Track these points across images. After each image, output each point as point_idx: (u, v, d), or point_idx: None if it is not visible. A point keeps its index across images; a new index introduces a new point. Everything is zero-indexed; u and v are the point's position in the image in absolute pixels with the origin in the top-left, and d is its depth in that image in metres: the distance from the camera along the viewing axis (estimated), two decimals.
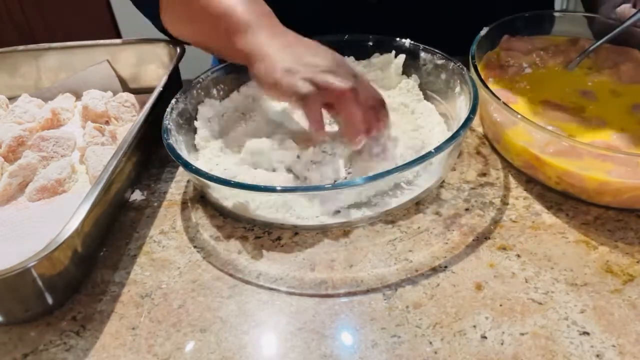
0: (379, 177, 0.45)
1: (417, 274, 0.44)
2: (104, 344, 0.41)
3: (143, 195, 0.55)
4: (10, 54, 0.70)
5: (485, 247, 0.46)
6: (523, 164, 0.52)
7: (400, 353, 0.38)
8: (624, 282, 0.42)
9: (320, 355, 0.39)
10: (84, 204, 0.43)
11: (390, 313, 0.41)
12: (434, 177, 0.50)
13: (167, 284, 0.45)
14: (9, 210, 0.53)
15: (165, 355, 0.40)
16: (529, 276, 0.43)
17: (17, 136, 0.58)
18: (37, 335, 0.42)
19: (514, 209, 0.49)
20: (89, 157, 0.55)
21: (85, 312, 0.43)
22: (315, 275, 0.45)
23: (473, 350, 0.38)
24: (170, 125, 0.53)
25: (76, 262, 0.44)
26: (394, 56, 0.62)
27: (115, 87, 0.70)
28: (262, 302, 0.43)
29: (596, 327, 0.39)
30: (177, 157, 0.49)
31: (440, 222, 0.49)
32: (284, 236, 0.48)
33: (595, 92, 0.56)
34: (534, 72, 0.60)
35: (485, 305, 0.41)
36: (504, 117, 0.51)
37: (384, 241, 0.47)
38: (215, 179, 0.46)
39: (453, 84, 0.57)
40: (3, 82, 0.71)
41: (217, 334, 0.41)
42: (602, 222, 0.48)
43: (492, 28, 0.61)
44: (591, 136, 0.50)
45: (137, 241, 0.50)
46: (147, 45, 0.70)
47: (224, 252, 0.48)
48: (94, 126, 0.59)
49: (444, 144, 0.46)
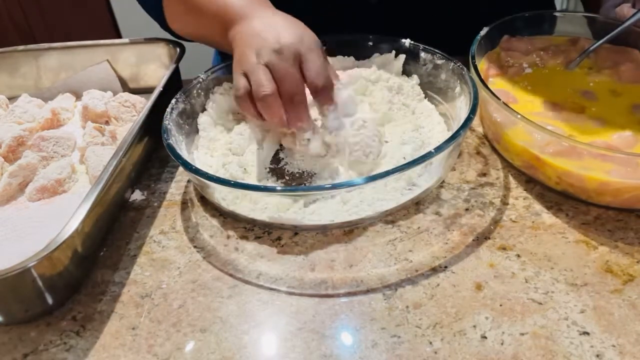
0: (379, 177, 0.45)
1: (417, 274, 0.44)
2: (104, 344, 0.41)
3: (143, 195, 0.55)
4: (10, 54, 0.70)
5: (485, 247, 0.46)
6: (523, 164, 0.52)
7: (400, 353, 0.38)
8: (624, 282, 0.42)
9: (320, 355, 0.39)
10: (84, 204, 0.43)
11: (390, 313, 0.41)
12: (434, 177, 0.50)
13: (167, 284, 0.45)
14: (9, 210, 0.53)
15: (165, 355, 0.40)
16: (529, 276, 0.43)
17: (17, 136, 0.58)
18: (37, 335, 0.42)
19: (514, 209, 0.49)
20: (89, 157, 0.55)
21: (85, 312, 0.43)
22: (315, 275, 0.45)
23: (473, 350, 0.38)
24: (170, 125, 0.53)
25: (76, 262, 0.44)
26: (394, 56, 0.62)
27: (115, 87, 0.70)
28: (262, 302, 0.43)
29: (596, 327, 0.39)
30: (177, 157, 0.49)
31: (440, 222, 0.49)
32: (284, 236, 0.48)
33: (595, 92, 0.56)
34: (534, 72, 0.60)
35: (485, 305, 0.41)
36: (504, 117, 0.51)
37: (384, 241, 0.47)
38: (215, 179, 0.46)
39: (453, 84, 0.57)
40: (3, 82, 0.71)
41: (217, 334, 0.41)
42: (602, 222, 0.48)
43: (492, 28, 0.61)
44: (591, 136, 0.50)
45: (137, 241, 0.50)
46: (147, 45, 0.70)
47: (224, 252, 0.48)
48: (94, 126, 0.59)
49: (444, 144, 0.46)
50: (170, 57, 0.68)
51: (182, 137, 0.55)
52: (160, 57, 0.69)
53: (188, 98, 0.58)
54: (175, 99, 0.56)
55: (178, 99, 0.56)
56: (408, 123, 0.58)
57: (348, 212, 0.47)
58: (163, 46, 0.69)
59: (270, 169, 0.56)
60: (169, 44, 0.68)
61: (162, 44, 0.69)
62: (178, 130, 0.55)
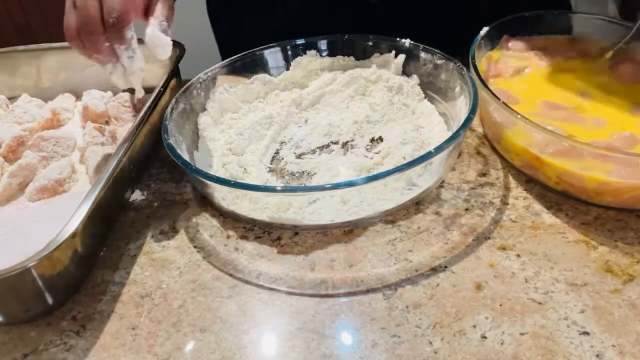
0: (379, 177, 0.45)
1: (417, 274, 0.44)
2: (104, 344, 0.41)
3: (143, 195, 0.55)
4: (10, 54, 0.70)
5: (485, 247, 0.46)
6: (523, 164, 0.52)
7: (400, 353, 0.38)
8: (624, 282, 0.42)
9: (320, 355, 0.39)
10: (84, 204, 0.43)
11: (390, 313, 0.41)
12: (434, 177, 0.50)
13: (167, 284, 0.45)
14: (9, 210, 0.53)
15: (165, 355, 0.40)
16: (528, 276, 0.43)
17: (17, 136, 0.58)
18: (37, 335, 0.42)
19: (514, 209, 0.49)
20: (89, 157, 0.55)
21: (85, 312, 0.43)
22: (315, 275, 0.45)
23: (473, 350, 0.38)
24: (170, 125, 0.53)
25: (76, 262, 0.44)
26: (394, 56, 0.62)
27: (116, 87, 0.70)
28: (262, 302, 0.43)
29: (596, 327, 0.39)
30: (177, 157, 0.49)
31: (440, 222, 0.49)
32: (284, 236, 0.48)
33: (595, 91, 0.56)
34: (534, 72, 0.60)
35: (485, 305, 0.41)
36: (504, 117, 0.51)
37: (384, 241, 0.47)
38: (215, 179, 0.46)
39: (453, 84, 0.57)
40: (3, 82, 0.71)
41: (217, 334, 0.41)
42: (602, 222, 0.48)
43: (492, 28, 0.61)
44: (591, 136, 0.50)
45: (137, 241, 0.50)
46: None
47: (224, 252, 0.48)
48: (94, 126, 0.59)
49: (444, 144, 0.46)
50: (170, 57, 0.68)
51: (182, 137, 0.55)
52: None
53: (188, 98, 0.58)
54: (175, 99, 0.56)
55: (178, 99, 0.57)
56: (408, 123, 0.58)
57: (348, 212, 0.47)
58: None
59: (270, 168, 0.56)
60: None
61: None
62: (178, 130, 0.55)
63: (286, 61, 0.65)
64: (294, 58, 0.65)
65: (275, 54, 0.65)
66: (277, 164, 0.56)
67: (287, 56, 0.65)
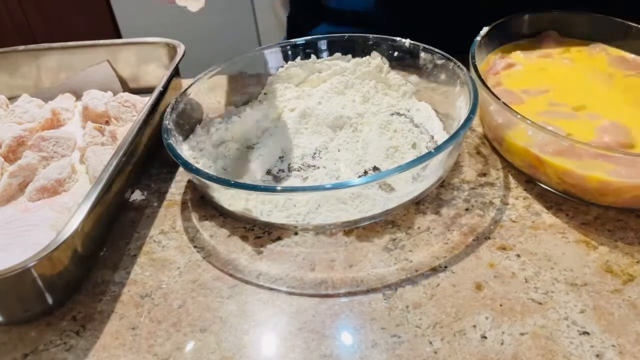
0: (379, 177, 0.45)
1: (417, 274, 0.44)
2: (104, 344, 0.41)
3: (143, 195, 0.55)
4: (10, 54, 0.70)
5: (485, 247, 0.46)
6: (523, 164, 0.52)
7: (400, 353, 0.38)
8: (624, 282, 0.42)
9: (320, 355, 0.39)
10: (84, 204, 0.43)
11: (390, 313, 0.41)
12: (434, 177, 0.50)
13: (167, 284, 0.45)
14: (9, 210, 0.53)
15: (165, 355, 0.40)
16: (529, 276, 0.43)
17: (17, 136, 0.58)
18: (37, 335, 0.42)
19: (514, 209, 0.49)
20: (89, 157, 0.55)
21: (85, 312, 0.43)
22: (315, 275, 0.45)
23: (473, 350, 0.38)
24: (170, 125, 0.53)
25: (76, 262, 0.44)
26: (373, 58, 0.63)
27: (115, 87, 0.70)
28: (262, 302, 0.43)
29: (596, 327, 0.39)
30: (177, 157, 0.49)
31: (440, 222, 0.49)
32: (284, 236, 0.48)
33: (596, 91, 0.56)
34: (534, 71, 0.60)
35: (485, 305, 0.41)
36: (504, 118, 0.51)
37: (384, 241, 0.47)
38: (215, 179, 0.46)
39: (453, 84, 0.57)
40: (3, 82, 0.71)
41: (217, 334, 0.41)
42: (602, 222, 0.48)
43: (492, 28, 0.61)
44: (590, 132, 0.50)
45: (137, 241, 0.50)
46: (147, 45, 0.70)
47: (224, 252, 0.48)
48: (94, 126, 0.59)
49: (444, 144, 0.46)
50: (170, 57, 0.68)
51: (182, 137, 0.55)
52: (160, 57, 0.69)
53: (188, 98, 0.58)
54: (175, 99, 0.56)
55: (178, 99, 0.57)
56: (408, 123, 0.58)
57: (348, 212, 0.47)
58: (163, 46, 0.69)
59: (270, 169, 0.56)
60: (169, 44, 0.68)
61: (162, 44, 0.69)
62: (178, 130, 0.55)
63: (286, 61, 0.65)
64: (294, 58, 0.65)
65: (275, 54, 0.65)
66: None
67: (287, 56, 0.65)
